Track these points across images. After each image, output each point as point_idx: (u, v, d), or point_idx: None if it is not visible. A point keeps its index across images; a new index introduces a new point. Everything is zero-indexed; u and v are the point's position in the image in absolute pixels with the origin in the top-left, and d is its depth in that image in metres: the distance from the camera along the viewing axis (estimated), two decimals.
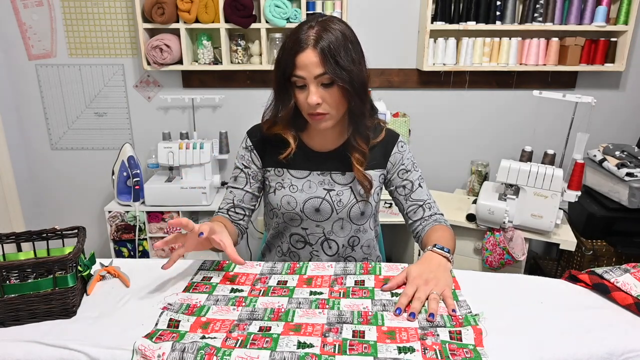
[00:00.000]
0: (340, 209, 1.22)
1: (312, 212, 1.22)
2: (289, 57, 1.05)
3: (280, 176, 1.23)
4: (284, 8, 2.19)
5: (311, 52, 1.03)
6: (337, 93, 1.07)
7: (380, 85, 2.46)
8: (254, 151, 1.25)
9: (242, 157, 1.27)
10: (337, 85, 1.05)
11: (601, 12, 2.19)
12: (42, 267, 0.95)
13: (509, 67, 2.32)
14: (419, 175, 1.25)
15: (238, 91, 2.50)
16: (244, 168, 1.26)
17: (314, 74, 1.04)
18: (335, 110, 1.09)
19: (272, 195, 1.24)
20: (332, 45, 1.03)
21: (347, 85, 1.05)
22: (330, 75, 1.03)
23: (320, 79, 1.04)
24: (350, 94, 1.07)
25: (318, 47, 1.02)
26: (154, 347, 0.76)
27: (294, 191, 1.22)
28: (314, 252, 1.27)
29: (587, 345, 0.80)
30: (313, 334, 0.81)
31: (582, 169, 1.95)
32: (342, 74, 1.04)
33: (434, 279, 0.95)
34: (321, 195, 1.21)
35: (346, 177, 1.22)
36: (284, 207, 1.22)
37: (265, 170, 1.26)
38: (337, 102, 1.08)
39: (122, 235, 2.35)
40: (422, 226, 1.23)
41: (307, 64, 1.03)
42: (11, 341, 0.82)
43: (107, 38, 2.41)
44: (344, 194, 1.21)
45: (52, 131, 2.58)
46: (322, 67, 1.03)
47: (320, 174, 1.22)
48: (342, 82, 1.04)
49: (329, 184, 1.22)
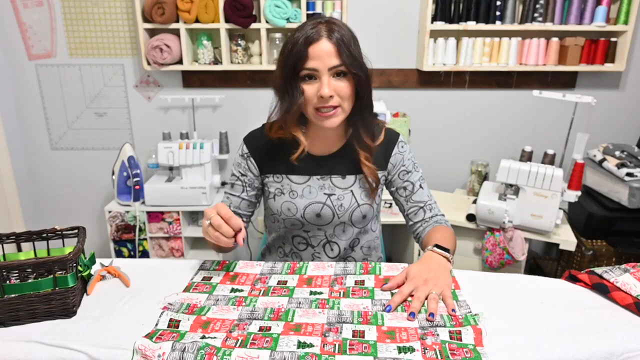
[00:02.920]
0: (342, 214, 1.21)
1: (313, 218, 1.21)
2: (301, 49, 1.04)
3: (280, 182, 1.22)
4: (284, 8, 2.19)
5: (326, 42, 1.04)
6: (348, 85, 1.08)
7: (380, 85, 2.46)
8: (251, 159, 1.24)
9: (239, 165, 1.26)
10: (349, 77, 1.07)
11: (601, 12, 2.19)
12: (42, 267, 0.96)
13: (508, 67, 2.32)
14: (420, 176, 1.25)
15: (238, 91, 2.50)
16: (240, 176, 1.25)
17: (328, 65, 1.04)
18: (346, 102, 1.09)
19: (272, 201, 1.23)
20: (345, 38, 1.05)
21: (362, 74, 1.07)
22: (346, 66, 1.04)
23: (334, 70, 1.05)
24: (362, 84, 1.08)
25: (333, 38, 1.04)
26: (154, 347, 0.76)
27: (294, 197, 1.21)
28: (316, 253, 1.27)
29: (587, 345, 0.80)
30: (313, 334, 0.81)
31: (582, 169, 1.95)
32: (356, 64, 1.06)
33: (433, 279, 0.95)
34: (322, 200, 1.20)
35: (347, 180, 1.21)
36: (284, 213, 1.21)
37: (264, 176, 1.25)
38: (349, 94, 1.08)
39: (122, 235, 2.35)
40: (422, 227, 1.23)
41: (322, 54, 1.04)
42: (11, 341, 0.82)
43: (107, 38, 2.42)
44: (345, 198, 1.21)
45: (52, 131, 2.58)
46: (338, 57, 1.04)
47: (320, 179, 1.21)
48: (355, 70, 1.06)
49: (330, 188, 1.21)
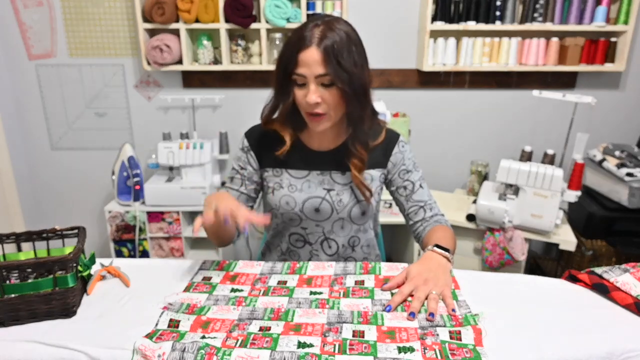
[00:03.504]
0: (341, 209, 1.21)
1: (312, 212, 1.21)
2: (291, 54, 1.04)
3: (279, 176, 1.23)
4: (284, 8, 2.19)
5: (314, 50, 1.02)
6: (336, 94, 1.06)
7: (380, 85, 2.46)
8: (251, 152, 1.24)
9: (239, 159, 1.26)
10: (337, 87, 1.04)
11: (601, 12, 2.19)
12: (42, 267, 0.96)
13: (508, 67, 2.32)
14: (420, 175, 1.25)
15: (238, 91, 2.50)
16: (240, 169, 1.26)
17: (315, 73, 1.03)
18: (333, 111, 1.09)
19: (271, 195, 1.23)
20: (336, 46, 1.02)
21: (347, 87, 1.04)
22: (331, 76, 1.02)
23: (321, 78, 1.04)
24: (349, 96, 1.05)
25: (322, 46, 1.01)
26: (154, 347, 0.77)
27: (293, 191, 1.21)
28: (314, 251, 1.26)
29: (587, 345, 0.80)
30: (313, 334, 0.81)
31: (582, 169, 1.95)
32: (343, 76, 1.03)
33: (433, 279, 0.95)
34: (321, 195, 1.20)
35: (346, 176, 1.21)
36: (282, 207, 1.21)
37: (263, 170, 1.25)
38: (336, 103, 1.07)
39: (122, 235, 2.35)
40: (422, 227, 1.23)
41: (310, 62, 1.02)
42: (11, 341, 0.83)
43: (107, 38, 2.41)
44: (344, 194, 1.20)
45: (52, 131, 2.58)
46: (324, 66, 1.02)
47: (319, 174, 1.21)
48: (341, 84, 1.03)
49: (329, 183, 1.21)
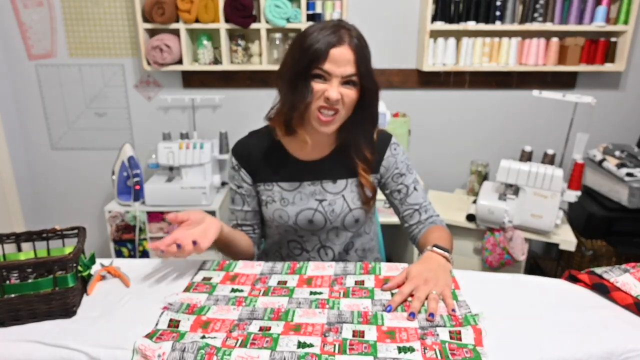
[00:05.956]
0: (334, 219, 1.20)
1: (306, 224, 1.20)
2: (322, 49, 1.02)
3: (270, 190, 1.21)
4: (284, 8, 2.19)
5: (347, 49, 1.03)
6: (354, 95, 1.07)
7: (380, 86, 2.45)
8: (242, 170, 1.22)
9: (233, 178, 1.25)
10: (357, 87, 1.06)
11: (601, 12, 2.19)
12: (42, 267, 0.96)
13: (508, 67, 2.32)
14: (414, 178, 1.24)
15: (238, 91, 2.50)
16: (238, 189, 1.24)
17: (343, 72, 1.03)
18: (345, 111, 1.09)
19: (265, 208, 1.23)
20: (365, 50, 1.06)
21: (372, 87, 1.08)
22: (359, 76, 1.05)
23: (346, 78, 1.04)
24: (370, 96, 1.09)
25: (354, 46, 1.03)
26: (154, 347, 0.76)
27: (285, 205, 1.20)
28: (311, 258, 1.26)
29: (587, 345, 0.80)
30: (313, 334, 0.81)
31: (582, 169, 1.95)
32: (369, 76, 1.07)
33: (433, 279, 0.95)
34: (313, 206, 1.19)
35: (337, 185, 1.20)
36: (276, 220, 1.21)
37: (256, 185, 1.24)
38: (351, 104, 1.08)
39: (122, 235, 2.35)
40: (418, 229, 1.22)
41: (340, 59, 1.03)
42: (11, 341, 0.82)
43: (107, 38, 2.42)
44: (336, 203, 1.19)
45: (52, 131, 2.58)
46: (355, 66, 1.04)
47: (310, 184, 1.20)
48: (368, 83, 1.07)
49: (321, 193, 1.20)
